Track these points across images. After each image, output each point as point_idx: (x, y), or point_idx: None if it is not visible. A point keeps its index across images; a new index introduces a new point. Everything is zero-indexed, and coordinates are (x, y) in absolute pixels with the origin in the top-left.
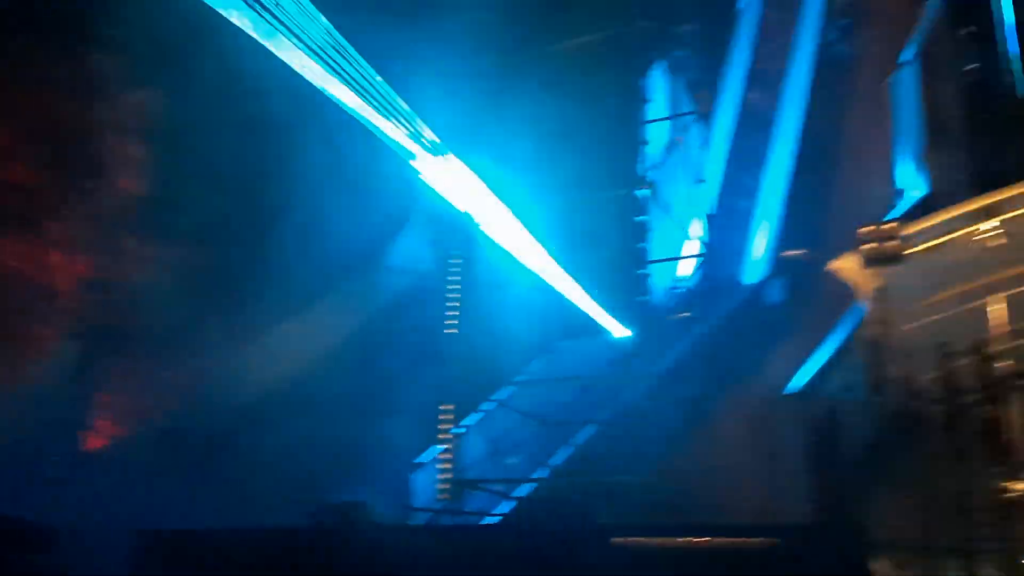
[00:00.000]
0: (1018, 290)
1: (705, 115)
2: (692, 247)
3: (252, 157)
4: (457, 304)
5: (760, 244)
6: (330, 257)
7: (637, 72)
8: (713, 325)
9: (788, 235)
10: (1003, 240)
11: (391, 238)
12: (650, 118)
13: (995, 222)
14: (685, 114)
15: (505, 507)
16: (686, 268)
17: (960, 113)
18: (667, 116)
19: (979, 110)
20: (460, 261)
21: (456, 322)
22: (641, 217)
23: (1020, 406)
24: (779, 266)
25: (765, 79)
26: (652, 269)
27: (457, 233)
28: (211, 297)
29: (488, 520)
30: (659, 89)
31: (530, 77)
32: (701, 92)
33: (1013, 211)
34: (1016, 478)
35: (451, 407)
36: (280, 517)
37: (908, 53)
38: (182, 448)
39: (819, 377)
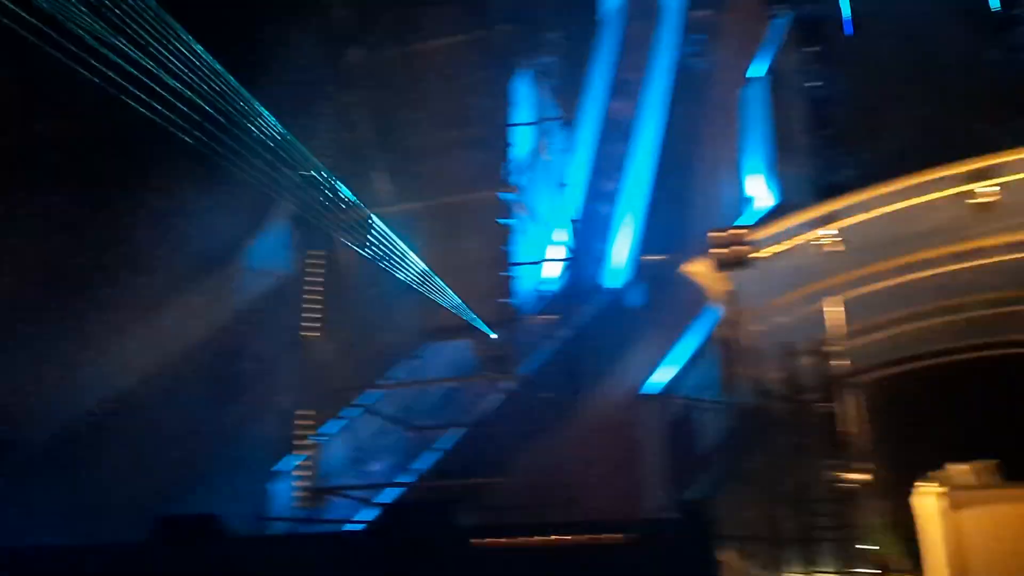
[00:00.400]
0: (854, 292)
1: (569, 121)
2: (556, 251)
3: (101, 149)
4: (318, 305)
5: (621, 249)
6: (183, 257)
7: (503, 76)
8: (576, 328)
9: (648, 240)
10: (841, 246)
11: (249, 238)
12: (515, 122)
13: (834, 229)
14: (549, 119)
15: (367, 514)
16: (550, 272)
17: (805, 126)
18: (532, 121)
19: (822, 124)
20: (322, 261)
21: (317, 324)
22: (506, 220)
23: (855, 402)
24: (639, 270)
25: (626, 88)
26: (517, 272)
27: (318, 233)
28: (52, 297)
29: (349, 527)
30: (524, 94)
31: (394, 75)
32: (565, 99)
33: (850, 218)
34: (850, 469)
35: (311, 413)
36: (125, 532)
37: (758, 69)
38: (14, 460)
39: (675, 378)
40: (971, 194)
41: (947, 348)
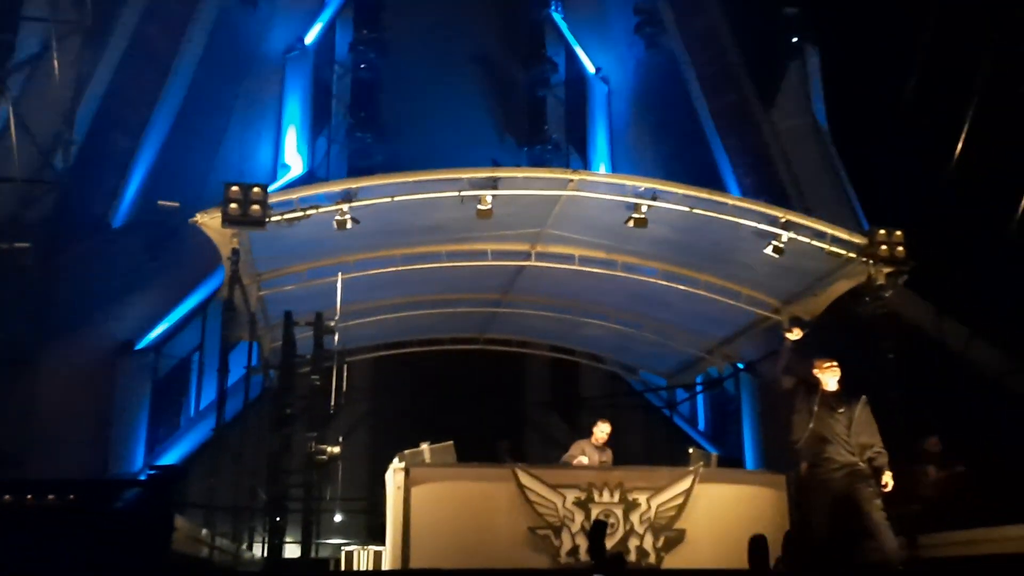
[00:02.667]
0: (360, 273)
1: (92, 32)
2: (48, 173)
3: None
4: None
5: (133, 187)
6: None
7: None
8: (57, 264)
9: (167, 183)
10: (352, 226)
11: None
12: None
13: (348, 207)
14: (63, 21)
15: None
16: (37, 195)
17: (346, 105)
18: (39, 17)
19: (362, 106)
20: None
21: None
22: None
23: (345, 378)
24: (151, 213)
25: (167, 16)
26: None
27: None
28: None
29: None
30: None
31: None
32: (95, 8)
33: (366, 200)
34: (328, 443)
35: None
36: None
37: (309, 37)
38: None
39: (170, 334)
40: (475, 199)
41: (437, 338)
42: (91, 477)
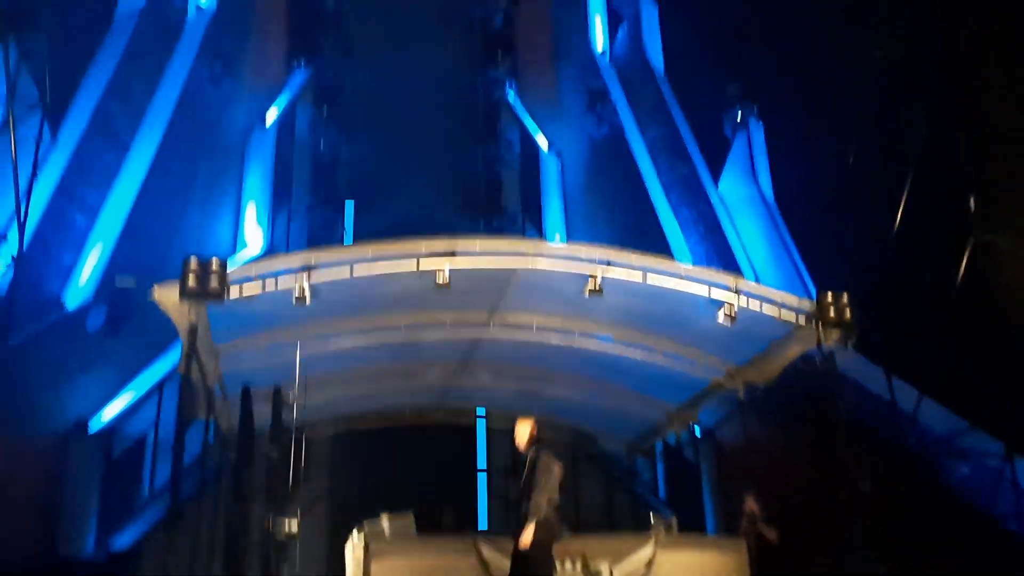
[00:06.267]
0: (320, 345)
1: (50, 110)
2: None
3: None
4: None
5: (92, 266)
6: None
7: None
8: (8, 346)
9: (126, 262)
10: (312, 298)
11: None
12: None
13: (308, 280)
14: (22, 99)
15: None
16: None
17: (306, 182)
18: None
19: (322, 183)
20: None
21: None
22: None
23: (304, 452)
24: (108, 293)
25: (128, 95)
26: None
27: None
28: None
29: None
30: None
31: None
32: (54, 87)
33: (326, 272)
34: (288, 518)
35: None
36: None
37: (270, 117)
38: None
39: (125, 414)
40: (432, 271)
41: (397, 411)
42: (39, 561)
